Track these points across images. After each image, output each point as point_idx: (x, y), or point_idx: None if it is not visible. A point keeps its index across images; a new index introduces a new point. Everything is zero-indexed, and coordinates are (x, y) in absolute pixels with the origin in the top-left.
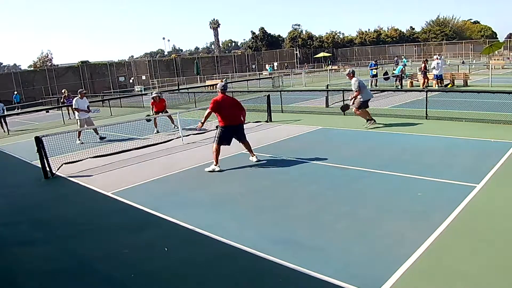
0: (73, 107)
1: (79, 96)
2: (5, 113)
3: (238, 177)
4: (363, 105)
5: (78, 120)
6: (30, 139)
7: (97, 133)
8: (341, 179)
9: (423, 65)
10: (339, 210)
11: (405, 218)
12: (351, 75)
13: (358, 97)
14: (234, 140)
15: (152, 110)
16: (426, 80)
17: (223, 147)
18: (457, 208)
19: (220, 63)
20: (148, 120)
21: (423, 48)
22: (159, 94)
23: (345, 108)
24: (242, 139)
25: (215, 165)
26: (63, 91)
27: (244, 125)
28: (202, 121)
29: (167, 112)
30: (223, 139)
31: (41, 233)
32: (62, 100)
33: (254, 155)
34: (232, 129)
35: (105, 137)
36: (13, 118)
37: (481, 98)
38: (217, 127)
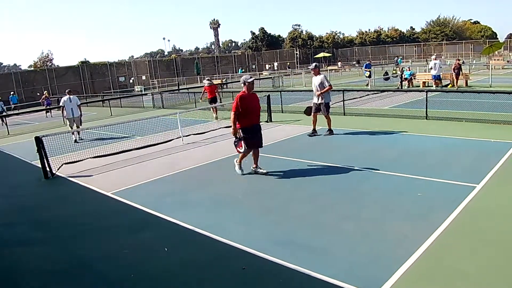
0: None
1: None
2: (5, 112)
3: (239, 178)
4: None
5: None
6: (30, 139)
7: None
8: (341, 180)
9: (456, 62)
10: (339, 211)
11: (406, 218)
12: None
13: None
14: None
15: (204, 94)
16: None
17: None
18: (457, 208)
19: (220, 63)
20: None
21: (423, 48)
22: (210, 80)
23: (309, 111)
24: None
25: (239, 168)
26: (44, 92)
27: None
28: (233, 128)
29: (218, 98)
30: (251, 142)
31: (41, 233)
32: (41, 101)
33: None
34: (255, 128)
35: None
36: (13, 118)
37: (481, 98)
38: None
